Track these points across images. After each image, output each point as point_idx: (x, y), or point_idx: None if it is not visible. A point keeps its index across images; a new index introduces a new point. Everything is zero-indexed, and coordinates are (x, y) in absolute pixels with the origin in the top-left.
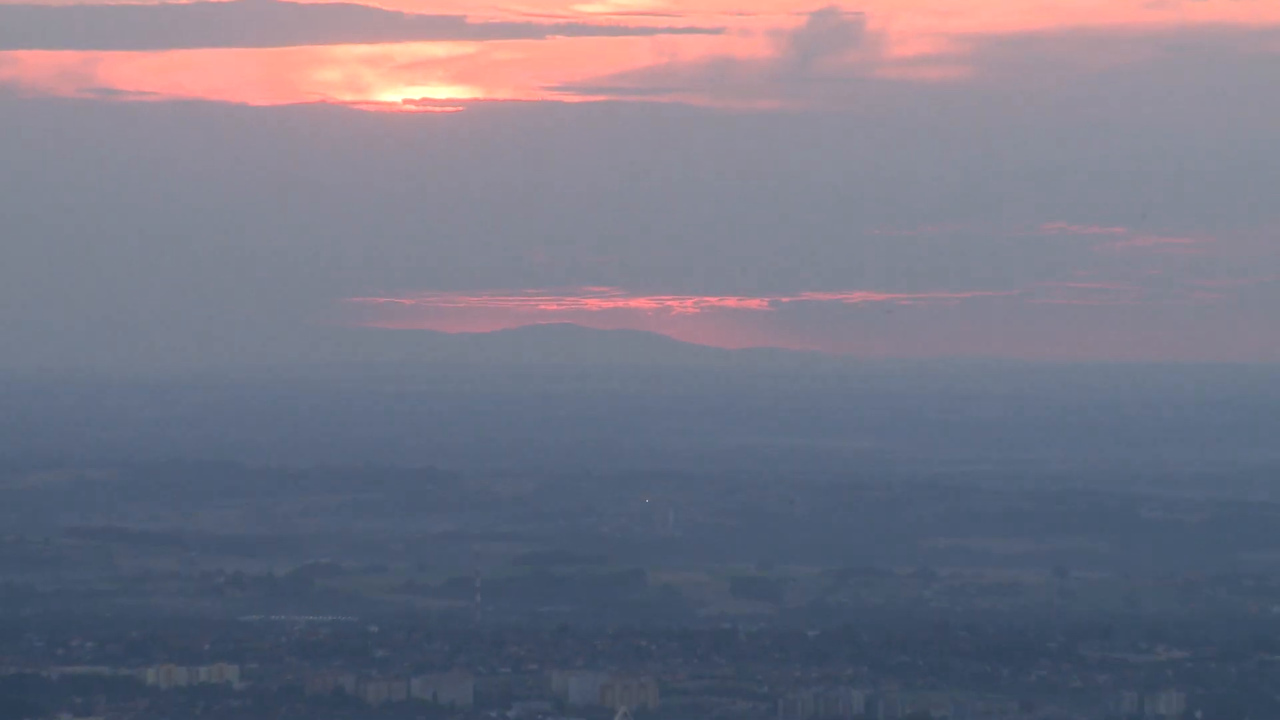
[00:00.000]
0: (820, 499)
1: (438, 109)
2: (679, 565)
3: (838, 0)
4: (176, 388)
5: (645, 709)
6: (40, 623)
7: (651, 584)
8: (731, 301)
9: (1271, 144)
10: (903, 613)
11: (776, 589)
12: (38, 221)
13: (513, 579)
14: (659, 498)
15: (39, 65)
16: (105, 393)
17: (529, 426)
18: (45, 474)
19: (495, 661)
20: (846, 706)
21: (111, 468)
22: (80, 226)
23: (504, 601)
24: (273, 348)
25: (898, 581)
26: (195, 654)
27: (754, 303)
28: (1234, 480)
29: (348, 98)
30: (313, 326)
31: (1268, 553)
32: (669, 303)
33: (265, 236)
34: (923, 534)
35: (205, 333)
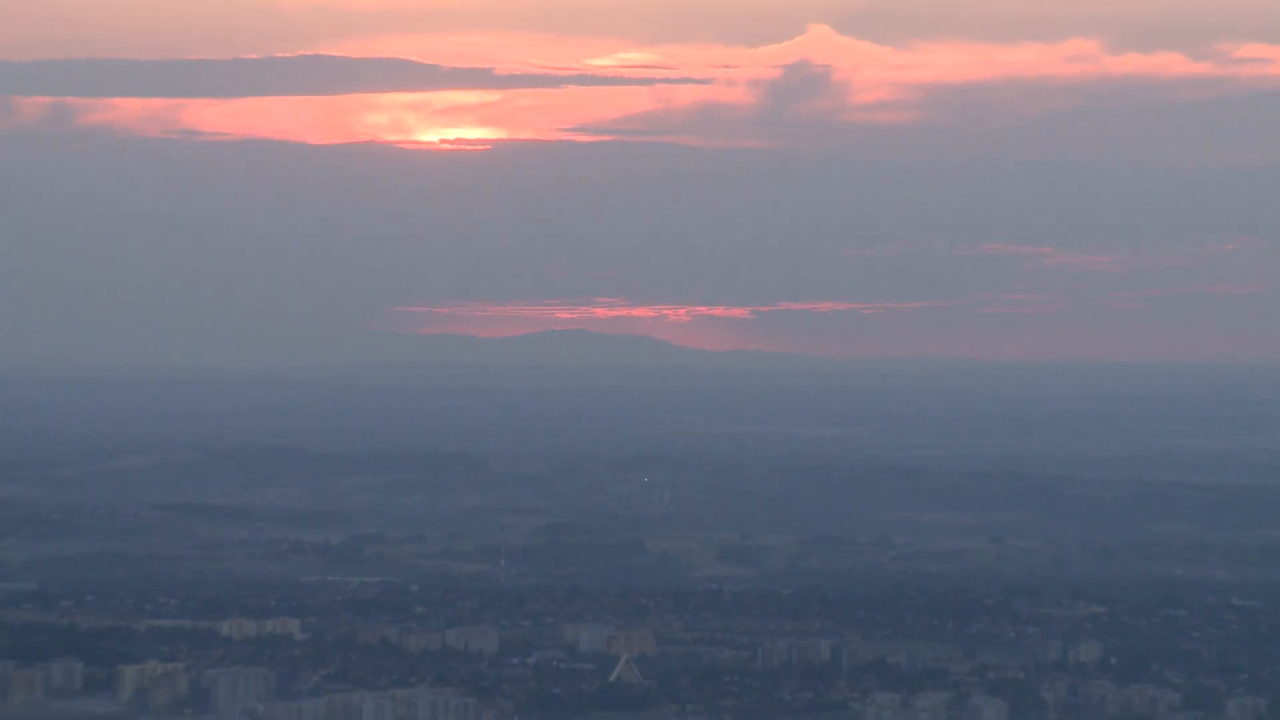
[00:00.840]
0: (794, 479)
1: (469, 147)
2: (673, 535)
3: (809, 54)
4: (250, 384)
5: (645, 657)
6: (131, 583)
7: (650, 551)
8: (718, 311)
9: (1175, 175)
10: (864, 575)
11: (756, 555)
12: (127, 242)
13: (531, 547)
14: (656, 478)
15: (131, 110)
16: (189, 389)
17: (546, 417)
18: (135, 458)
19: (517, 616)
20: (815, 654)
21: (191, 452)
22: (165, 246)
23: (524, 565)
24: (331, 350)
25: (859, 549)
26: (263, 609)
27: (738, 311)
28: (1145, 463)
29: (392, 138)
30: (365, 332)
31: (1172, 524)
32: (665, 311)
33: (323, 254)
34: (881, 509)
35: (274, 337)
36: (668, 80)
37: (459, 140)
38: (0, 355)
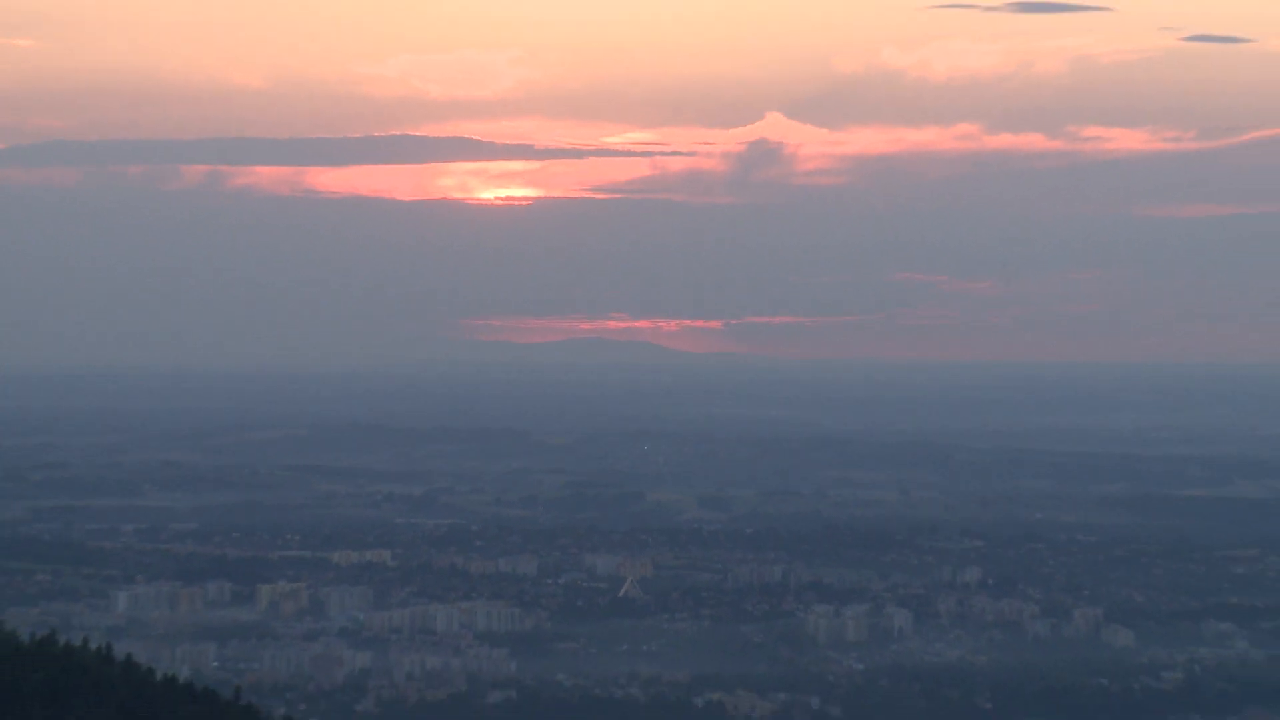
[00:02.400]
0: (755, 447)
1: (516, 203)
2: (665, 489)
3: (766, 134)
4: (353, 377)
5: (645, 578)
6: (266, 524)
7: (648, 500)
8: (699, 323)
9: (1038, 223)
10: (806, 518)
11: (727, 503)
12: (265, 268)
13: (560, 497)
14: (654, 447)
15: (267, 175)
16: (308, 381)
17: (571, 402)
18: (267, 431)
19: (551, 548)
20: (770, 577)
21: (310, 428)
22: (292, 271)
23: (555, 511)
24: (415, 351)
25: (803, 498)
26: (363, 543)
27: (713, 323)
28: (1014, 435)
29: (460, 196)
30: (440, 338)
31: (1033, 480)
32: (659, 324)
33: (409, 280)
34: (819, 469)
35: (372, 342)
36: (662, 153)
37: (509, 197)
38: (168, 354)
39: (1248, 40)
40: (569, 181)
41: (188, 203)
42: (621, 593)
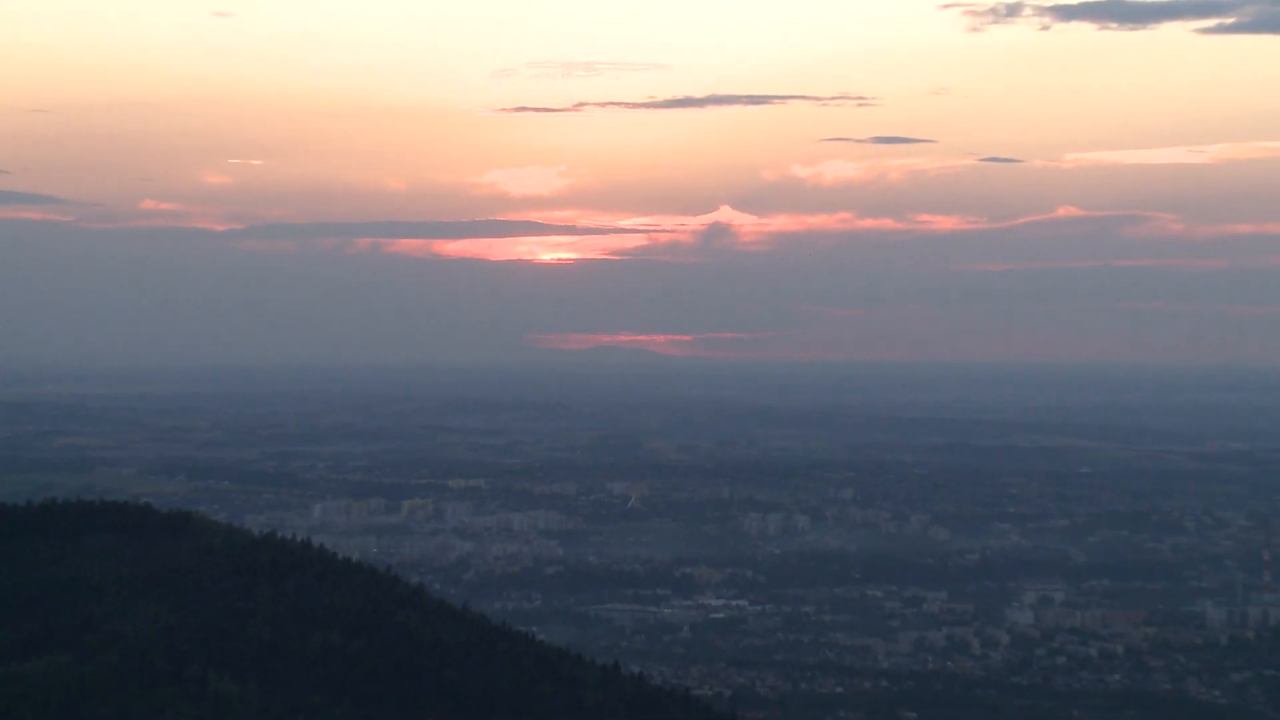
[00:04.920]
0: (714, 415)
1: (564, 262)
2: (655, 440)
3: (719, 219)
4: (461, 371)
5: (643, 496)
6: (405, 461)
7: (645, 447)
8: (678, 337)
9: (891, 276)
10: (744, 458)
11: (694, 449)
12: (403, 302)
13: (589, 445)
14: (647, 415)
15: (408, 245)
16: (429, 373)
17: (597, 389)
18: (407, 405)
19: (584, 477)
20: (720, 494)
21: (433, 403)
22: (423, 306)
23: (587, 454)
24: (497, 356)
25: (741, 446)
26: (467, 474)
27: (687, 337)
28: (876, 406)
29: (528, 257)
30: (514, 347)
31: (886, 435)
32: (653, 338)
33: (498, 309)
34: (752, 428)
35: (472, 348)
36: (654, 230)
37: (559, 258)
38: (346, 354)
39: (1020, 161)
40: (596, 249)
41: (360, 262)
42: (629, 505)
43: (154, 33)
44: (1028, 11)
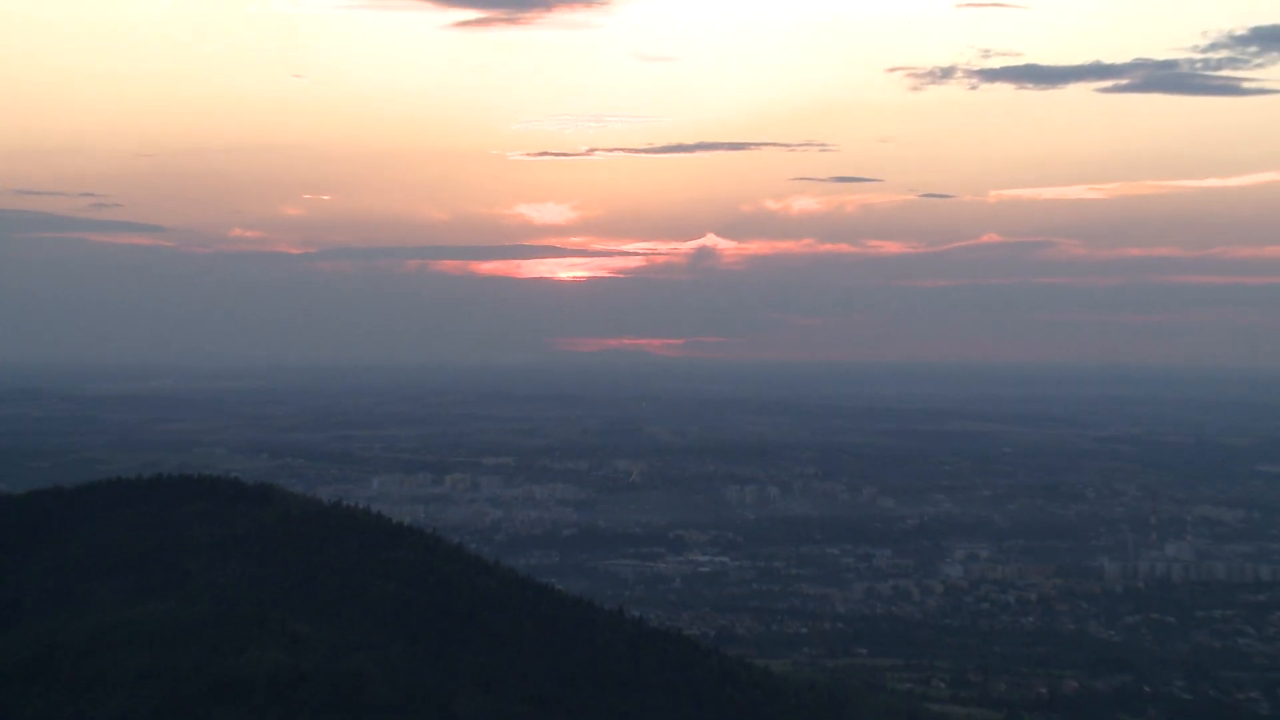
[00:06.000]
0: (699, 405)
1: (579, 280)
2: (652, 426)
3: (705, 244)
4: (492, 369)
5: (643, 472)
6: (447, 443)
7: (644, 432)
8: (671, 340)
9: (843, 288)
10: (725, 440)
11: (684, 433)
12: (442, 311)
13: (599, 429)
14: (646, 405)
15: (449, 265)
16: (462, 373)
17: (606, 385)
18: (450, 396)
19: (595, 455)
20: (706, 470)
21: (469, 394)
22: (460, 314)
23: (596, 436)
24: (524, 356)
25: (723, 430)
26: (499, 453)
27: (678, 341)
28: (833, 398)
29: (550, 276)
30: (538, 349)
31: (843, 421)
32: (651, 341)
33: (525, 317)
34: (732, 415)
35: (501, 349)
36: (652, 254)
37: (574, 277)
38: (406, 354)
39: (952, 196)
40: (604, 268)
41: (409, 279)
42: (631, 479)
43: (242, 91)
44: (959, 74)
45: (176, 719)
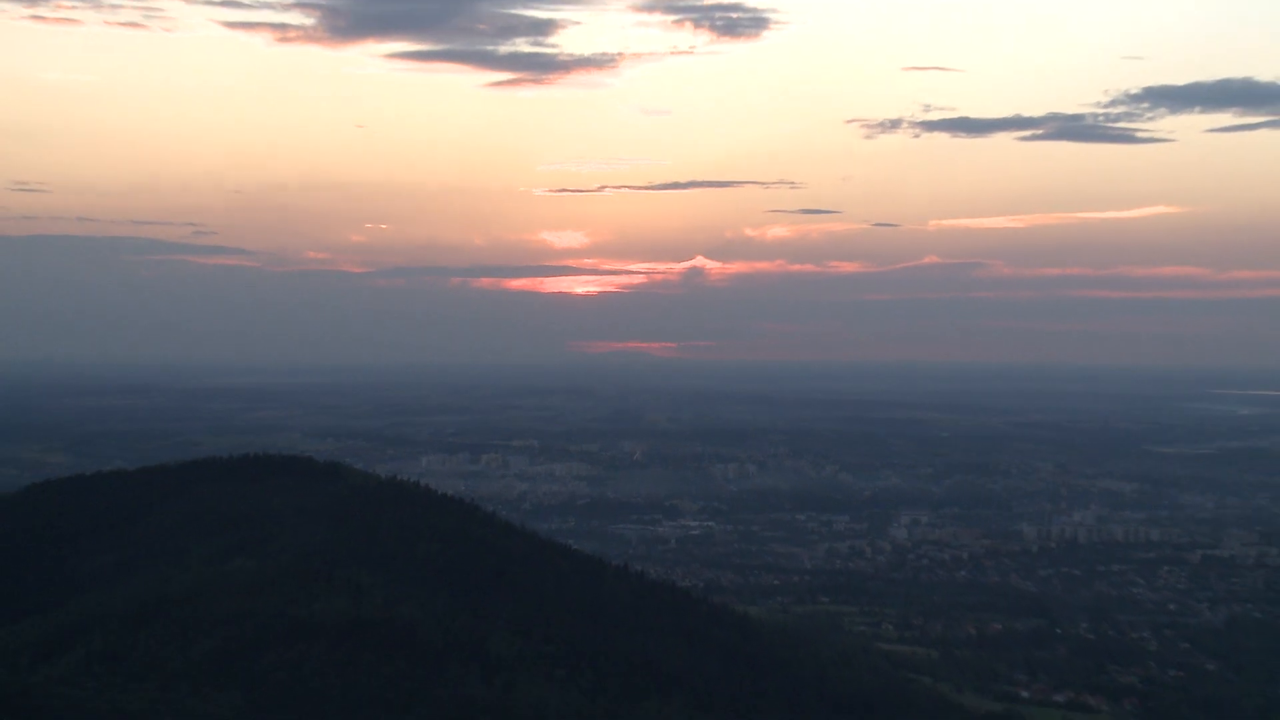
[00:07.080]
0: (691, 398)
1: (592, 294)
2: (652, 414)
3: (695, 264)
4: (518, 368)
5: (644, 451)
6: (482, 428)
7: (645, 419)
8: (669, 344)
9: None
10: (712, 425)
11: (679, 420)
12: (480, 321)
13: (608, 416)
14: (649, 398)
15: (485, 282)
16: (491, 373)
17: (614, 382)
18: (482, 391)
19: (604, 438)
20: (695, 450)
21: (500, 390)
22: (495, 322)
23: (605, 423)
24: (545, 357)
25: (711, 417)
26: (526, 436)
27: (672, 344)
28: (800, 392)
29: (567, 290)
30: (557, 351)
31: (806, 410)
32: (651, 345)
33: (546, 324)
34: (718, 406)
35: (524, 351)
36: (650, 272)
37: (588, 291)
38: (449, 356)
39: (899, 225)
40: (612, 284)
41: (452, 294)
42: (634, 458)
43: (315, 138)
44: (905, 125)
45: (260, 655)
